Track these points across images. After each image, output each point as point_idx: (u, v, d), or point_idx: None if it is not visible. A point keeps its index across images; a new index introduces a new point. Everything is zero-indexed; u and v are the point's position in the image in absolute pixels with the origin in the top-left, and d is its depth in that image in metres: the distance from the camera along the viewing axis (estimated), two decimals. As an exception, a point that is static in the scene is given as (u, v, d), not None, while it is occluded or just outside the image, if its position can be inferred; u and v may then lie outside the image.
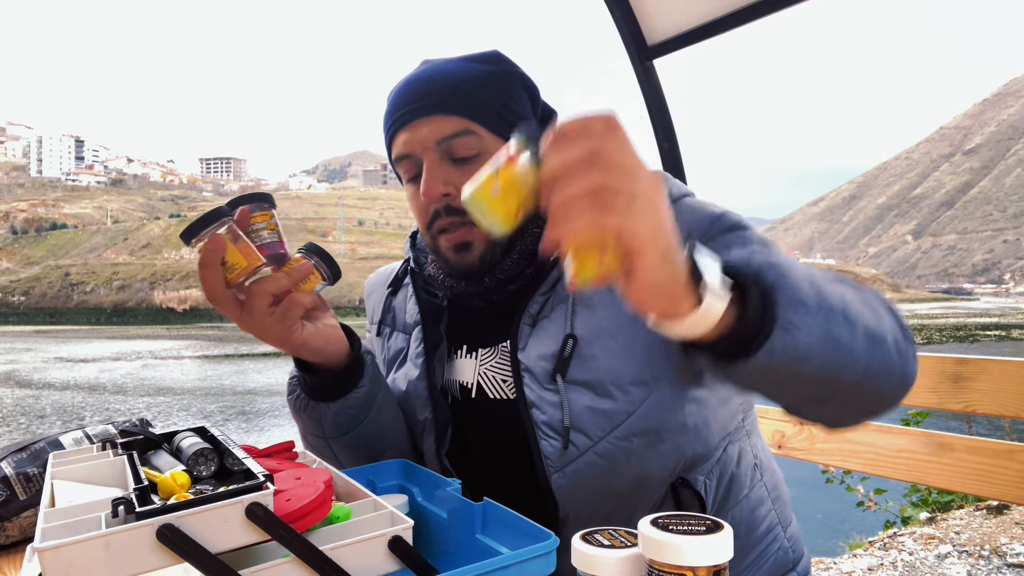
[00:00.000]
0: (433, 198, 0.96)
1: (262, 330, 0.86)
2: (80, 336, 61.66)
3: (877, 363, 0.75)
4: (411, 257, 1.16)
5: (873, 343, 0.75)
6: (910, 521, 3.67)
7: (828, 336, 0.70)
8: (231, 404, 19.82)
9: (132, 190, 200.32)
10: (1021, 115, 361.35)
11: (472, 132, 0.95)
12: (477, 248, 0.98)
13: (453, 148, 0.95)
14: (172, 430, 0.84)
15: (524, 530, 0.71)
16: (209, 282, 0.82)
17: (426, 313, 1.09)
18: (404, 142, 0.97)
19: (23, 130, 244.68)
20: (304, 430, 1.05)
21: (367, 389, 0.99)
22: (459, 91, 0.95)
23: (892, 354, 0.77)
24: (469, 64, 0.99)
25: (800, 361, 0.70)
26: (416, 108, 0.95)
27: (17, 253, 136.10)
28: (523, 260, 1.00)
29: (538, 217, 0.96)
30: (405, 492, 0.91)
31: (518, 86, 1.01)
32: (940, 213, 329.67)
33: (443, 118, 0.95)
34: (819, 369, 0.72)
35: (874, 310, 0.78)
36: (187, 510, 0.58)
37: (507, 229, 0.65)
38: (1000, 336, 45.41)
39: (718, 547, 0.50)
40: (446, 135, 0.95)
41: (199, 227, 0.81)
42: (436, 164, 0.96)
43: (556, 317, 0.96)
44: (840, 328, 0.72)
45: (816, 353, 0.70)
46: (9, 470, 1.12)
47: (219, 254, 0.80)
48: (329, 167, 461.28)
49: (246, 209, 0.86)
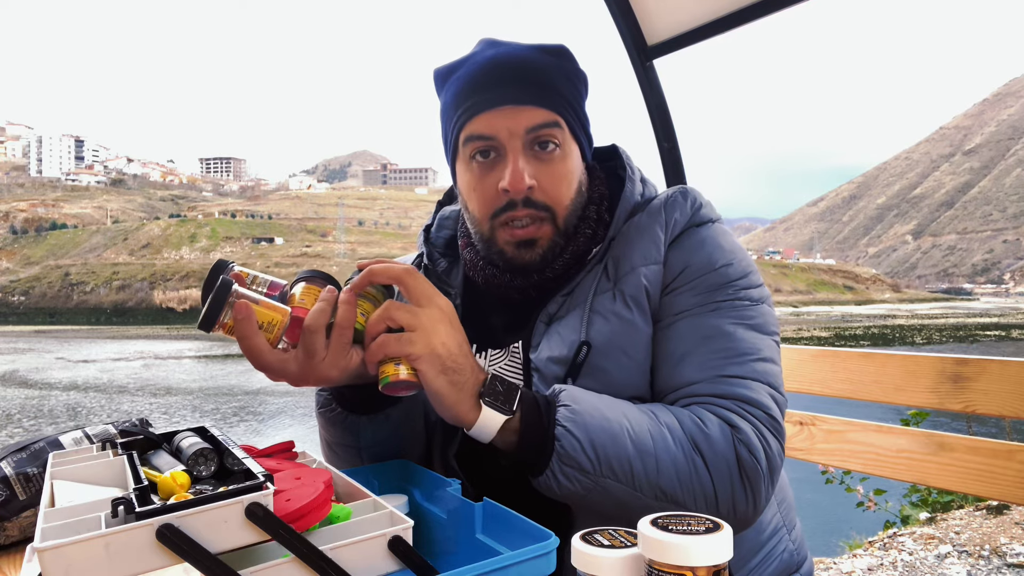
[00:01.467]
0: (520, 189, 0.94)
1: (322, 369, 0.80)
2: (80, 336, 61.66)
3: (670, 507, 0.82)
4: (424, 252, 1.14)
5: (666, 508, 0.76)
6: (910, 521, 3.67)
7: (598, 495, 0.82)
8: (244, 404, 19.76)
9: (132, 190, 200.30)
10: (1021, 115, 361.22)
11: (558, 125, 0.96)
12: (541, 246, 0.98)
13: (540, 139, 0.96)
14: (172, 430, 0.84)
15: (524, 530, 0.71)
16: (256, 350, 0.76)
17: None
18: (488, 124, 0.95)
19: (23, 130, 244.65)
20: (334, 441, 1.01)
21: (407, 403, 0.98)
22: (550, 84, 0.96)
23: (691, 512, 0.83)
24: (546, 56, 0.98)
25: (561, 499, 0.84)
26: (507, 93, 0.94)
27: (17, 253, 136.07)
28: (572, 260, 1.01)
29: (589, 218, 1.02)
30: (405, 492, 0.91)
31: (583, 84, 1.02)
32: (940, 213, 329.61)
33: (535, 109, 0.95)
34: (585, 505, 0.85)
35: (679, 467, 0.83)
36: (187, 510, 0.58)
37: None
38: (1000, 336, 45.41)
39: (718, 547, 0.50)
40: (538, 124, 0.95)
41: (217, 306, 0.75)
42: (523, 154, 0.95)
43: (571, 321, 0.96)
44: (615, 488, 0.82)
45: (584, 499, 0.83)
46: (9, 470, 1.12)
47: (253, 320, 0.76)
48: (329, 167, 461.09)
49: (235, 272, 0.83)
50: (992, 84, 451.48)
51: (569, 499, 0.84)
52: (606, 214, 1.03)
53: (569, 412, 0.81)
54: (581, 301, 0.97)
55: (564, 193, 0.98)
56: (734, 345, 0.90)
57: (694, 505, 0.83)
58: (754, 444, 0.84)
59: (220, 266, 0.83)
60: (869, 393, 1.78)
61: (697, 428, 0.84)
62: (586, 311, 0.96)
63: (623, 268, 0.97)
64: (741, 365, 0.89)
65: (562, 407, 0.82)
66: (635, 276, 0.95)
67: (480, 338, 1.06)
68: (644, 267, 0.96)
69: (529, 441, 0.82)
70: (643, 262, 0.96)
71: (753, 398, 0.87)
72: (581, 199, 1.01)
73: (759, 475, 0.84)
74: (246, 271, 0.84)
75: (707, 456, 0.83)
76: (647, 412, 0.86)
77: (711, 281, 0.95)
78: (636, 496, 0.82)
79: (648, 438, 0.82)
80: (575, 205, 1.00)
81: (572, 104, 0.98)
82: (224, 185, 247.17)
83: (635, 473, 0.81)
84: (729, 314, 0.93)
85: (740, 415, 0.86)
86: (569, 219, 0.99)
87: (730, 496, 0.83)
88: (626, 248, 0.98)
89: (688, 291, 0.95)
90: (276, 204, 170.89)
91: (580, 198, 1.01)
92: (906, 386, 1.71)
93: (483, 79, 0.96)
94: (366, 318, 0.83)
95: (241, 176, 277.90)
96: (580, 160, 1.01)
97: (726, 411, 0.86)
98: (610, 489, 0.81)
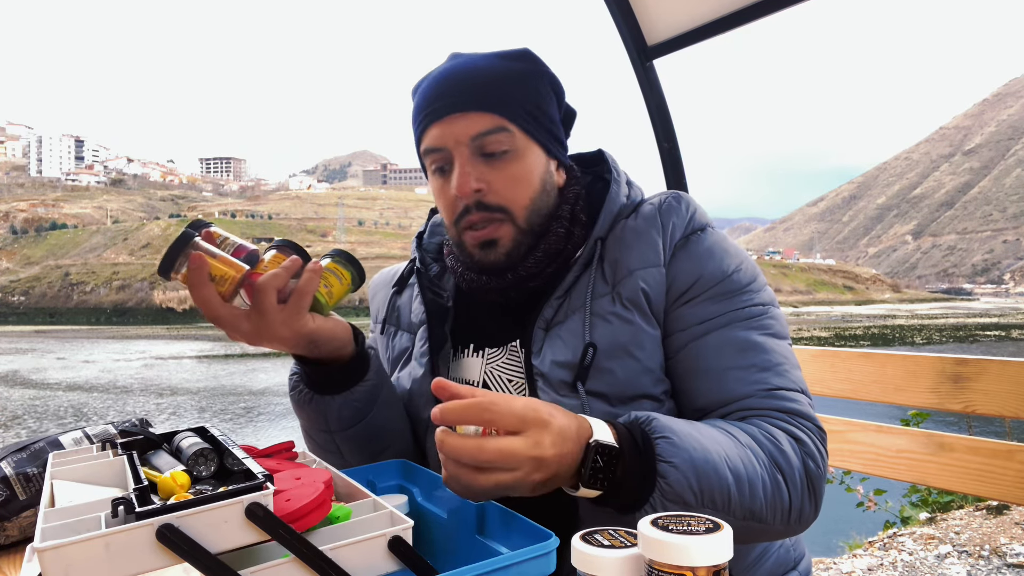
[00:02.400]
0: (466, 193, 0.96)
1: (273, 328, 0.84)
2: (80, 336, 61.65)
3: (749, 536, 0.87)
4: (417, 257, 1.17)
5: (748, 527, 0.84)
6: (910, 521, 3.67)
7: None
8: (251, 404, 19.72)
9: (132, 190, 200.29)
10: (1021, 115, 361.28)
11: (505, 129, 0.96)
12: (503, 245, 0.99)
13: (486, 144, 0.96)
14: (172, 430, 0.84)
15: (524, 530, 0.71)
16: (206, 300, 0.80)
17: (431, 313, 1.10)
18: (437, 135, 0.97)
19: (23, 130, 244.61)
20: (308, 426, 1.05)
21: (372, 383, 1.00)
22: (494, 88, 0.96)
23: (771, 531, 0.87)
24: (501, 61, 0.99)
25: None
26: (451, 103, 0.96)
27: (17, 253, 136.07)
28: (546, 259, 1.01)
29: (562, 217, 1.02)
30: (405, 492, 0.91)
31: (547, 85, 1.02)
32: (940, 213, 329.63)
33: (478, 115, 0.96)
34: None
35: (766, 487, 0.84)
36: (187, 510, 0.58)
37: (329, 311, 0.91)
38: (1000, 336, 45.42)
39: (718, 547, 0.50)
40: (480, 131, 0.96)
41: (174, 254, 0.80)
42: (468, 160, 0.97)
43: (572, 325, 0.97)
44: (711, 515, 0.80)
45: None
46: (9, 470, 1.12)
47: (205, 270, 0.80)
48: (329, 167, 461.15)
49: (208, 231, 0.86)
50: (992, 84, 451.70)
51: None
52: (582, 214, 1.04)
53: (669, 445, 0.79)
54: (579, 305, 0.97)
55: (520, 193, 0.98)
56: (769, 357, 0.94)
57: (773, 520, 0.85)
58: (815, 456, 0.88)
59: (196, 223, 0.86)
60: (869, 393, 1.78)
61: (773, 446, 0.87)
62: (587, 314, 0.96)
63: (620, 272, 0.98)
64: (782, 376, 0.93)
65: (661, 439, 0.79)
66: (633, 280, 0.96)
67: (476, 338, 1.07)
68: (642, 270, 0.97)
69: (631, 483, 0.78)
70: (641, 265, 0.97)
71: (804, 411, 0.92)
72: (547, 198, 1.01)
73: (822, 483, 0.89)
74: (219, 232, 0.87)
75: (786, 473, 0.86)
76: (728, 434, 0.86)
77: (726, 288, 0.96)
78: (727, 520, 0.81)
79: (740, 464, 0.83)
80: (538, 204, 1.00)
81: (526, 106, 0.98)
82: (224, 185, 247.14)
83: (732, 500, 0.81)
84: (753, 324, 0.95)
85: (800, 428, 0.90)
86: (531, 218, 1.00)
87: (800, 506, 0.87)
88: (622, 251, 0.99)
89: (707, 300, 0.96)
90: (276, 204, 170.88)
91: (545, 196, 1.01)
92: (906, 386, 1.71)
93: (433, 92, 0.98)
94: (328, 291, 0.89)
95: (241, 176, 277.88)
96: (542, 159, 1.01)
97: (787, 425, 0.90)
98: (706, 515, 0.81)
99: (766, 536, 0.88)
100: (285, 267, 0.84)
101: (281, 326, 0.84)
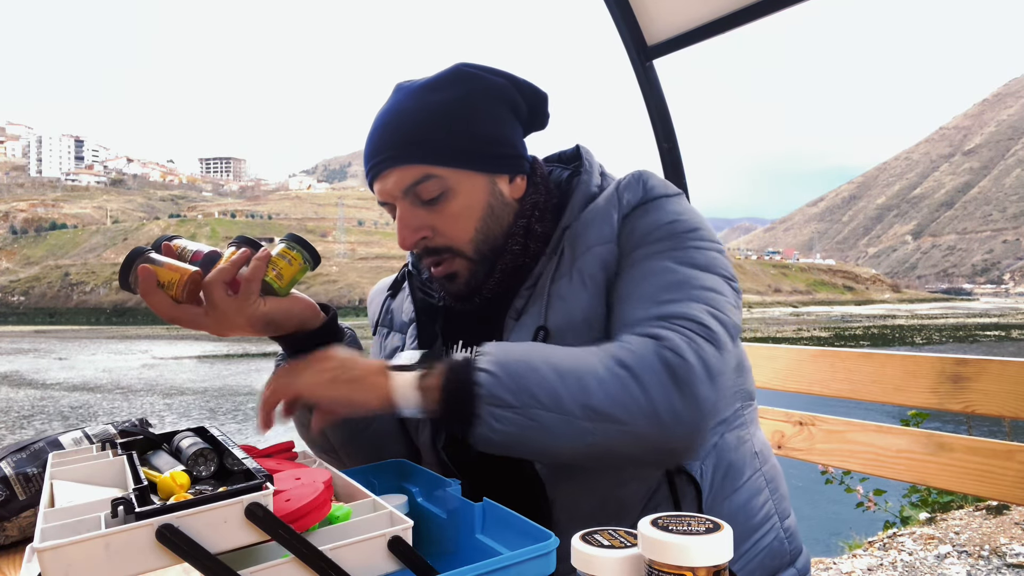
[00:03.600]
0: (408, 246, 1.02)
1: (227, 318, 0.87)
2: (81, 336, 61.64)
3: (619, 441, 0.81)
4: (410, 261, 1.19)
5: (604, 429, 0.80)
6: (910, 521, 3.67)
7: (535, 431, 0.80)
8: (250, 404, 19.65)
9: (132, 190, 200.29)
10: (1021, 115, 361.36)
11: (433, 176, 0.98)
12: (462, 277, 1.03)
13: (420, 192, 0.99)
14: (171, 430, 0.84)
15: (524, 530, 0.71)
16: (157, 306, 0.86)
17: (421, 312, 1.13)
18: (379, 191, 1.02)
19: (23, 130, 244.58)
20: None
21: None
22: (418, 136, 0.98)
23: (639, 433, 0.80)
24: (429, 96, 0.99)
25: (504, 448, 0.83)
26: (380, 160, 1.00)
27: (17, 253, 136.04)
28: (505, 276, 1.04)
29: (515, 234, 1.04)
30: (405, 492, 0.91)
31: (485, 103, 1.00)
32: (940, 213, 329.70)
33: (405, 168, 0.98)
34: (529, 452, 0.87)
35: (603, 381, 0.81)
36: (187, 510, 0.58)
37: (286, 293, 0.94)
38: (1000, 336, 45.43)
39: (718, 547, 0.50)
40: (408, 184, 0.99)
41: (125, 271, 0.87)
42: (407, 211, 1.00)
43: (534, 311, 0.99)
44: (548, 418, 0.80)
45: (524, 439, 0.81)
46: (8, 470, 1.12)
47: (152, 279, 0.85)
48: (329, 167, 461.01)
49: (168, 243, 0.93)
50: (992, 84, 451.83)
51: (511, 446, 0.83)
52: (537, 224, 1.04)
53: (487, 356, 0.83)
54: (543, 291, 1.00)
55: (463, 229, 1.01)
56: (675, 278, 0.91)
57: (634, 422, 0.80)
58: (680, 347, 0.82)
59: (158, 240, 0.94)
60: (869, 393, 1.78)
61: (618, 346, 0.85)
62: (545, 298, 0.98)
63: (579, 249, 0.99)
64: (678, 291, 0.90)
65: (481, 356, 0.83)
66: (591, 255, 0.98)
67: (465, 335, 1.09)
68: (600, 246, 0.98)
69: (452, 392, 0.82)
70: (599, 241, 0.98)
71: (682, 312, 0.87)
72: (497, 222, 1.02)
73: (693, 375, 0.81)
74: (179, 244, 0.94)
75: (632, 367, 0.81)
76: (571, 347, 0.87)
77: (658, 235, 0.96)
78: (570, 422, 0.80)
79: (568, 361, 0.83)
80: (485, 233, 1.02)
81: (454, 142, 0.98)
82: (224, 185, 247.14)
83: (560, 396, 0.80)
84: (673, 255, 0.94)
85: (666, 328, 0.85)
86: (481, 248, 1.02)
87: (668, 404, 0.80)
88: (583, 230, 1.00)
89: (636, 249, 0.96)
90: (276, 204, 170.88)
91: (495, 221, 1.02)
92: (906, 386, 1.71)
93: (369, 148, 1.02)
94: (278, 274, 0.92)
95: (241, 176, 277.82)
96: (483, 187, 1.01)
97: (651, 328, 0.86)
98: (543, 421, 0.80)
99: (642, 442, 0.81)
100: (233, 261, 0.88)
101: (236, 314, 0.88)
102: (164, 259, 0.88)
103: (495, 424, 0.80)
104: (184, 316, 0.87)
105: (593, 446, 0.81)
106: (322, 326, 0.98)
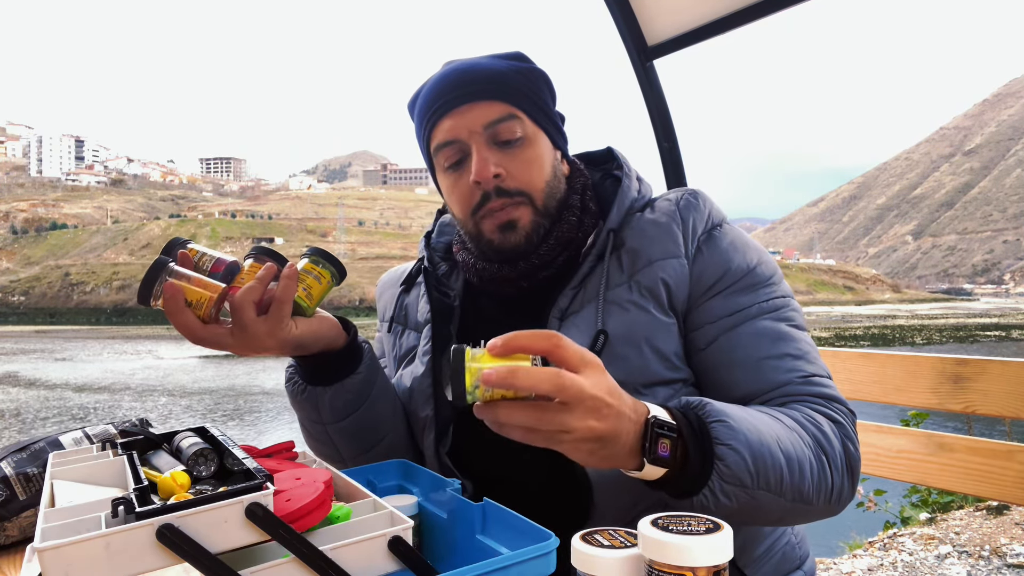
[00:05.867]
0: (486, 178, 0.98)
1: (257, 340, 0.85)
2: (81, 336, 61.63)
3: (795, 517, 0.88)
4: (425, 256, 1.19)
5: (795, 509, 0.85)
6: (910, 521, 3.67)
7: (750, 507, 0.82)
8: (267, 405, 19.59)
9: (132, 190, 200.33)
10: (1021, 115, 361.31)
11: (516, 117, 1.00)
12: (523, 228, 1.01)
13: (499, 132, 0.99)
14: (172, 430, 0.84)
15: (524, 530, 0.71)
16: (185, 327, 0.82)
17: (437, 312, 1.11)
18: (449, 128, 1.00)
19: (23, 130, 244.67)
20: (303, 417, 1.07)
21: (363, 376, 1.02)
22: (500, 80, 1.00)
23: (814, 511, 0.88)
24: (499, 60, 1.03)
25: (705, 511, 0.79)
26: (461, 94, 0.99)
27: (17, 253, 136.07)
28: (558, 247, 1.03)
29: (572, 206, 1.05)
30: (404, 492, 0.91)
31: (543, 83, 1.05)
32: (940, 213, 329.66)
33: (488, 104, 0.99)
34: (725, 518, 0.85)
35: (812, 469, 0.86)
36: (187, 510, 0.58)
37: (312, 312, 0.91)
38: (1000, 336, 45.40)
39: (718, 547, 0.50)
40: (493, 119, 0.99)
41: (149, 283, 0.81)
42: (485, 147, 0.99)
43: (586, 313, 0.99)
44: (766, 499, 0.82)
45: (735, 513, 0.80)
46: (9, 470, 1.12)
47: (179, 299, 0.81)
48: (329, 167, 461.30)
49: (184, 251, 0.87)
50: (992, 84, 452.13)
51: (715, 513, 0.79)
52: (591, 203, 1.06)
53: (726, 428, 0.79)
54: (594, 294, 0.99)
55: (536, 176, 1.01)
56: (799, 345, 0.97)
57: (817, 501, 0.86)
58: (852, 437, 0.91)
59: (171, 244, 0.87)
60: (869, 393, 1.78)
61: (816, 429, 0.89)
62: (600, 302, 0.98)
63: (640, 262, 1.00)
64: (813, 363, 0.96)
65: (717, 423, 0.79)
66: (652, 269, 0.99)
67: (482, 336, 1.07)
68: (663, 261, 0.99)
69: (692, 466, 0.77)
70: (661, 256, 0.99)
71: (837, 396, 0.95)
72: (559, 184, 1.05)
73: (859, 464, 0.91)
74: (196, 248, 0.88)
75: (829, 455, 0.87)
76: (775, 418, 0.87)
77: (752, 281, 1.00)
78: (780, 503, 0.83)
79: (791, 446, 0.84)
80: (552, 188, 1.03)
81: (530, 97, 1.02)
82: (224, 185, 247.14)
83: (784, 482, 0.82)
84: (780, 315, 0.98)
85: (837, 412, 0.92)
86: (548, 201, 1.02)
87: (840, 487, 0.88)
88: (642, 242, 1.01)
89: (735, 293, 0.99)
90: (276, 204, 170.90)
91: (557, 182, 1.04)
92: (906, 386, 1.71)
93: (439, 89, 1.01)
94: (307, 292, 0.89)
95: (241, 176, 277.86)
96: (550, 148, 1.05)
97: (825, 409, 0.92)
98: (761, 500, 0.81)
99: (808, 517, 0.90)
100: (260, 278, 0.85)
101: (266, 337, 0.86)
102: (190, 273, 0.83)
103: (721, 499, 0.79)
104: (210, 338, 0.84)
105: (779, 520, 0.88)
106: (345, 346, 0.98)
